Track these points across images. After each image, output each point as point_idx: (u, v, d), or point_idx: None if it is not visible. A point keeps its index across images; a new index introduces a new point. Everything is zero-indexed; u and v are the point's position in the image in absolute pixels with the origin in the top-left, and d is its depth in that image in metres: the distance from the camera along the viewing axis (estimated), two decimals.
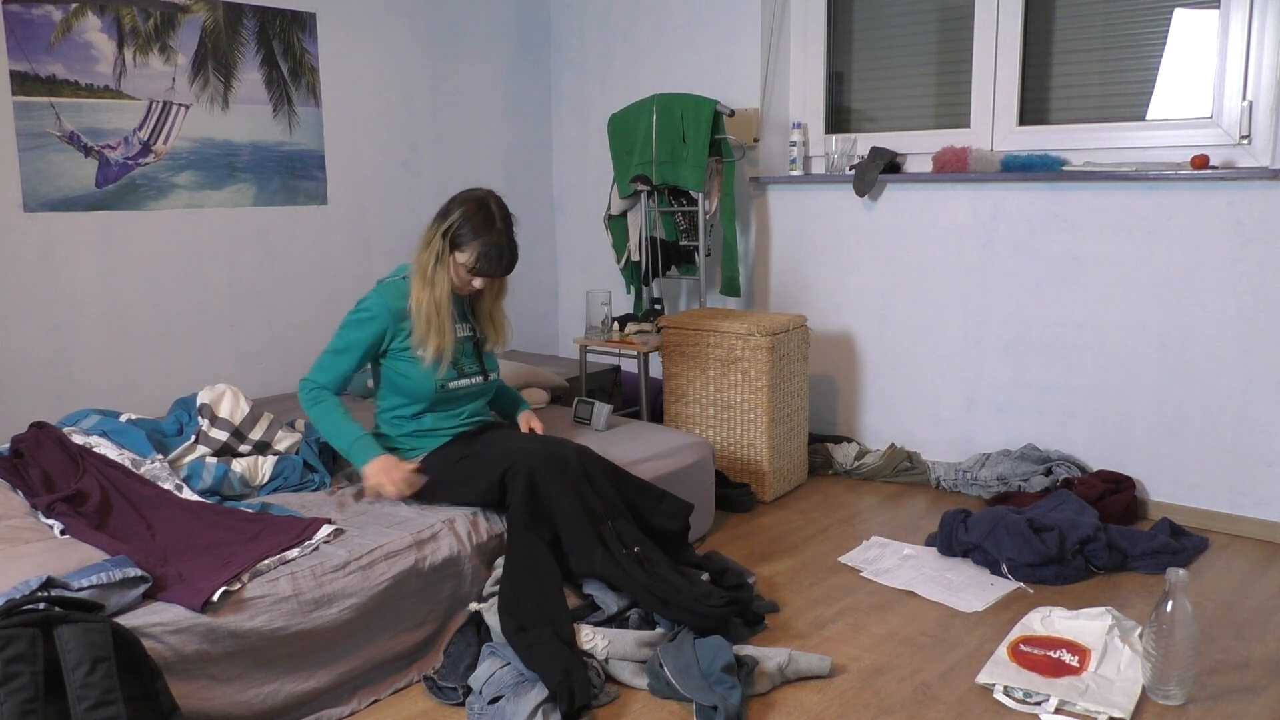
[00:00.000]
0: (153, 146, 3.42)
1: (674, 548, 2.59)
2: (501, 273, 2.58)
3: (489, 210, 2.54)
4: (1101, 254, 3.33)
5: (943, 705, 2.16)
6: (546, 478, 2.39)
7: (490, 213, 2.53)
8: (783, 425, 3.51)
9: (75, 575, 1.89)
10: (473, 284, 2.58)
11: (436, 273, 2.53)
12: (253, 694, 2.00)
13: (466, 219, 2.51)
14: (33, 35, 3.11)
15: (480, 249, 2.50)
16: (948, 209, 3.63)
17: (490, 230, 2.51)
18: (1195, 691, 2.17)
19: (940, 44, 3.80)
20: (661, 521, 2.57)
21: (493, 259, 2.52)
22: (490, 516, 2.50)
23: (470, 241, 2.50)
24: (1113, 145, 3.36)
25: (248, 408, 2.77)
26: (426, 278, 2.54)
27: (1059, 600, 2.65)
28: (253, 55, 3.64)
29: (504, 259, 2.54)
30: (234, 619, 1.97)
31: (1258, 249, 3.05)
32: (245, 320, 3.73)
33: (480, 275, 2.55)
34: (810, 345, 3.71)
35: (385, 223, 4.12)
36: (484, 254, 2.50)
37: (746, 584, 2.62)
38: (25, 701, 1.60)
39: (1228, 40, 3.11)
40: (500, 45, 4.47)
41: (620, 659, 2.23)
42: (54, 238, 3.22)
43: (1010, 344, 3.55)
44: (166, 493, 2.44)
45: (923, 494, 3.61)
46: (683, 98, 3.83)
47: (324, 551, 2.21)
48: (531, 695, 2.02)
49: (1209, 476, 3.21)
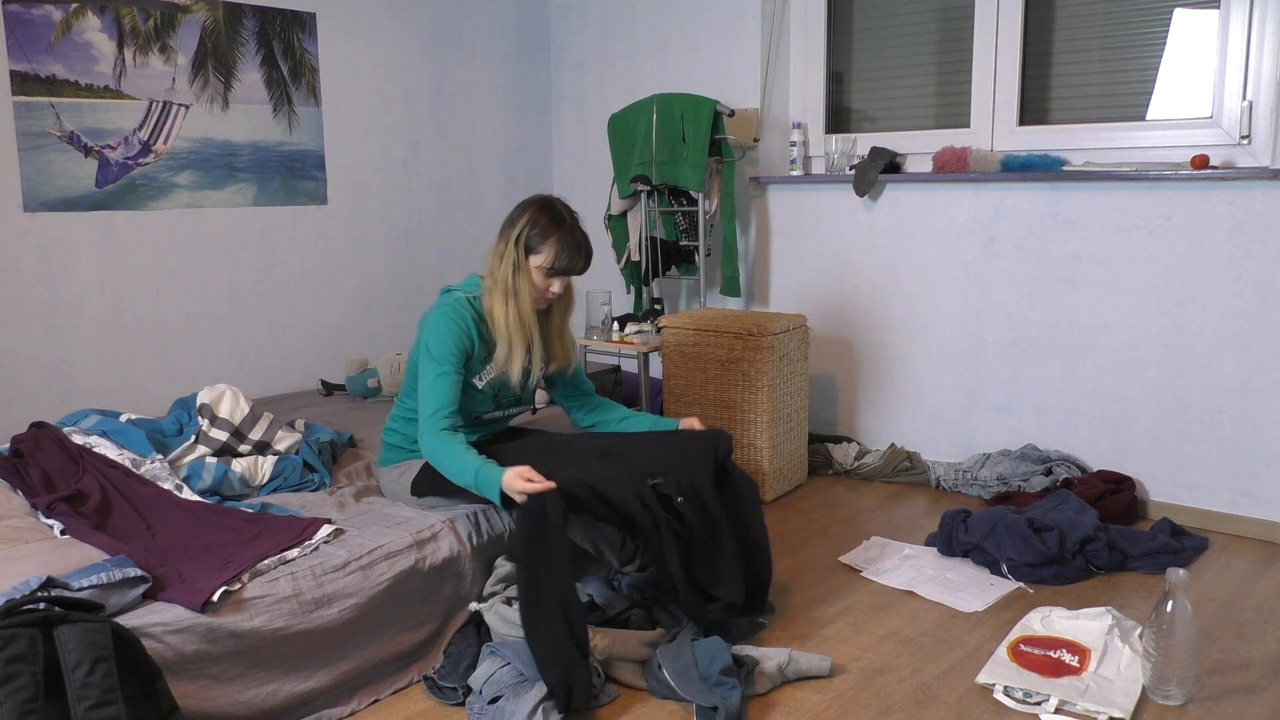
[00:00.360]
0: (153, 146, 3.42)
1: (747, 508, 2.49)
2: (581, 267, 2.50)
3: (555, 209, 2.50)
4: (1101, 254, 3.33)
5: (943, 705, 2.16)
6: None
7: (558, 211, 2.49)
8: (782, 425, 3.51)
9: (75, 575, 1.89)
10: (551, 289, 2.49)
11: (518, 282, 2.44)
12: (253, 694, 2.00)
13: (534, 222, 2.45)
14: (33, 35, 3.11)
15: (556, 246, 2.44)
16: (948, 209, 3.63)
17: (562, 226, 2.46)
18: (1195, 691, 2.17)
19: (940, 44, 3.80)
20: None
21: (571, 253, 2.45)
22: (490, 517, 2.50)
23: (544, 242, 2.44)
24: (1113, 145, 3.36)
25: (248, 408, 2.77)
26: (508, 290, 2.44)
27: (1059, 600, 2.65)
28: (253, 55, 3.64)
29: (582, 251, 2.48)
30: (234, 619, 1.97)
31: (1258, 249, 3.05)
32: (245, 320, 3.73)
33: (560, 274, 2.47)
34: (810, 345, 3.71)
35: (385, 223, 4.12)
36: (560, 250, 2.44)
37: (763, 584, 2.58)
38: (25, 701, 1.60)
39: (1228, 40, 3.11)
40: (500, 45, 4.47)
41: (620, 659, 2.23)
42: (54, 238, 3.22)
43: (1010, 344, 3.55)
44: (166, 493, 2.44)
45: (923, 494, 3.61)
46: (682, 98, 3.83)
47: (324, 551, 2.21)
48: (531, 695, 2.02)
49: (1209, 476, 3.21)
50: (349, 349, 4.04)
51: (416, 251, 4.26)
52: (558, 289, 2.51)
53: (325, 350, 3.96)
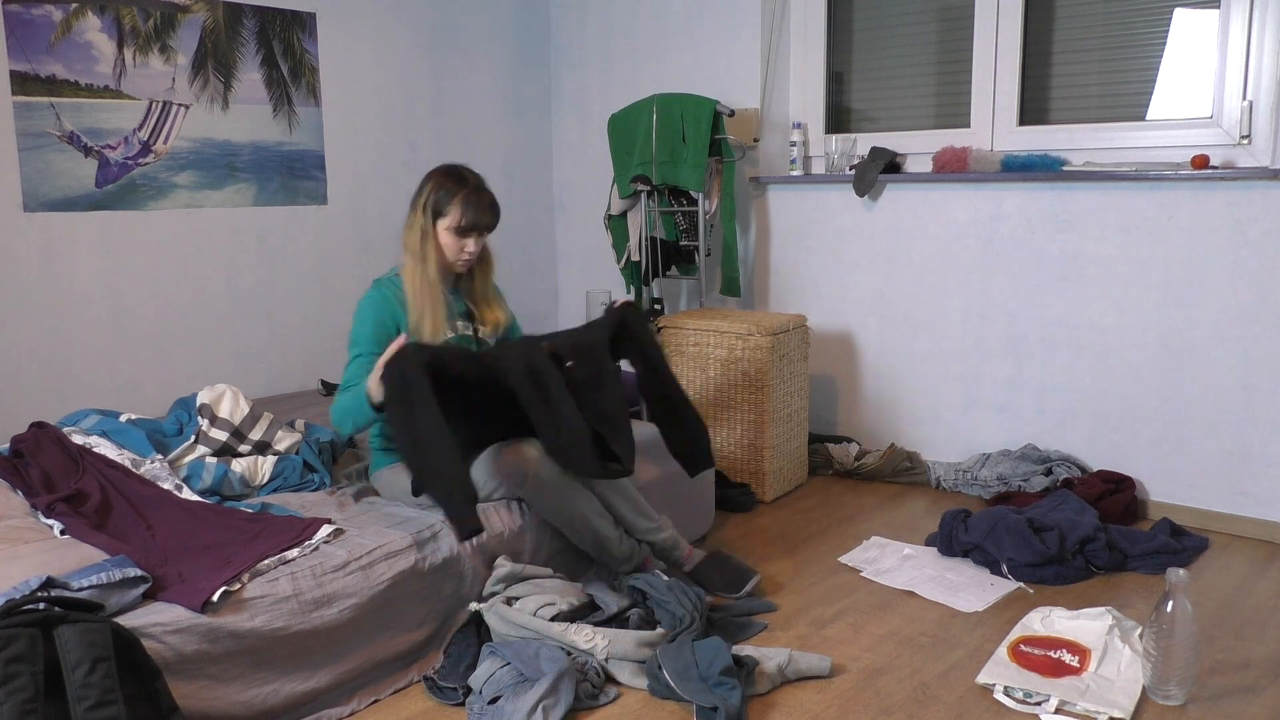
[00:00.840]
0: (153, 146, 3.42)
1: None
2: (488, 221, 2.59)
3: (459, 172, 2.61)
4: (1101, 254, 3.33)
5: (943, 705, 2.16)
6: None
7: (460, 173, 2.60)
8: (782, 425, 3.51)
9: (75, 575, 1.89)
10: (466, 249, 2.58)
11: (425, 248, 2.57)
12: (253, 694, 2.00)
13: (439, 185, 2.58)
14: (33, 35, 3.11)
15: (462, 204, 2.54)
16: (947, 209, 3.63)
17: (465, 185, 2.57)
18: (1195, 691, 2.17)
19: (940, 44, 3.80)
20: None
21: (476, 208, 2.55)
22: (490, 516, 2.50)
23: (449, 202, 2.55)
24: (1113, 145, 3.36)
25: (247, 408, 2.77)
26: (417, 256, 2.57)
27: (1059, 600, 2.65)
28: (253, 55, 3.64)
29: (486, 205, 2.58)
30: (234, 619, 1.97)
31: (1258, 249, 3.05)
32: (245, 320, 3.73)
33: (469, 232, 2.56)
34: (810, 345, 3.71)
35: (385, 223, 4.12)
36: (465, 206, 2.54)
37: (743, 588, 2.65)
38: (25, 702, 1.60)
39: (1228, 40, 3.11)
40: (500, 45, 4.47)
41: (620, 659, 2.23)
42: (54, 238, 3.22)
43: (1010, 344, 3.55)
44: (166, 493, 2.44)
45: (923, 494, 3.61)
46: (683, 98, 3.83)
47: (324, 551, 2.21)
48: (530, 695, 2.02)
49: (1209, 476, 3.21)
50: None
51: None
52: (473, 248, 2.60)
53: (325, 350, 3.96)
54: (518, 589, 2.37)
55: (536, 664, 2.12)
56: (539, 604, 2.30)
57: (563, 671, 2.09)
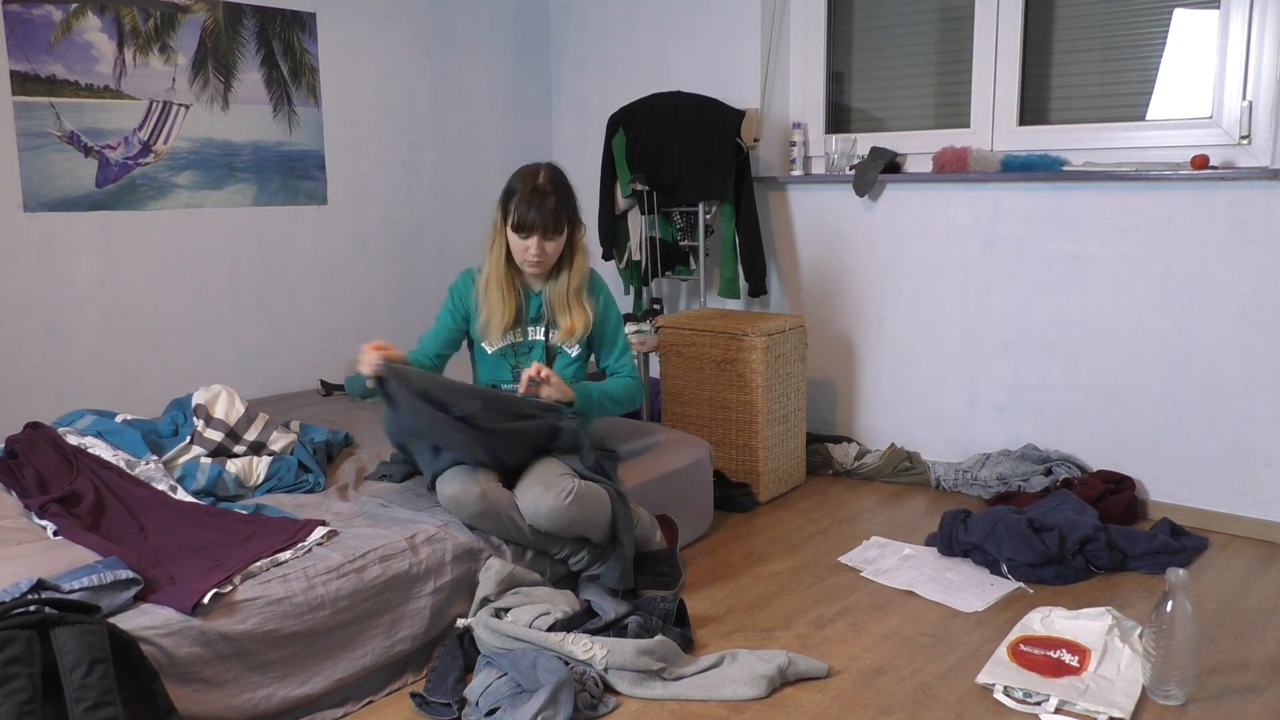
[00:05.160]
0: (153, 146, 3.42)
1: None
2: (539, 221, 2.54)
3: (532, 169, 2.62)
4: (1101, 254, 3.32)
5: (943, 705, 2.16)
6: None
7: (531, 170, 2.61)
8: (778, 426, 3.50)
9: (66, 577, 1.88)
10: (529, 251, 2.58)
11: (495, 241, 2.63)
12: (245, 698, 1.97)
13: (511, 181, 2.61)
14: (33, 35, 3.11)
15: (517, 202, 2.55)
16: (948, 209, 3.63)
17: (526, 184, 2.57)
18: (1195, 691, 2.17)
19: (940, 44, 3.79)
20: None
21: (524, 208, 2.54)
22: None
23: (511, 199, 2.58)
24: (1113, 145, 3.36)
25: (243, 408, 2.76)
26: (488, 252, 2.64)
27: (1059, 600, 2.64)
28: (253, 55, 3.64)
29: (540, 205, 2.53)
30: (226, 622, 1.95)
31: (1258, 249, 3.04)
32: (245, 320, 3.73)
33: (521, 230, 2.56)
34: (810, 345, 3.71)
35: (385, 223, 4.12)
36: (520, 205, 2.54)
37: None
38: (23, 703, 1.60)
39: (1228, 40, 3.11)
40: (500, 45, 4.47)
41: (619, 669, 2.19)
42: (54, 238, 3.22)
43: (1010, 344, 3.55)
44: (160, 494, 2.43)
45: (923, 494, 3.61)
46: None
47: (317, 554, 2.19)
48: (529, 706, 1.98)
49: (1209, 476, 3.20)
50: (349, 349, 4.02)
51: (416, 251, 4.25)
52: (534, 250, 2.58)
53: (325, 350, 3.96)
54: (507, 600, 2.34)
55: (534, 675, 2.08)
56: (534, 614, 2.28)
57: (562, 682, 2.05)
